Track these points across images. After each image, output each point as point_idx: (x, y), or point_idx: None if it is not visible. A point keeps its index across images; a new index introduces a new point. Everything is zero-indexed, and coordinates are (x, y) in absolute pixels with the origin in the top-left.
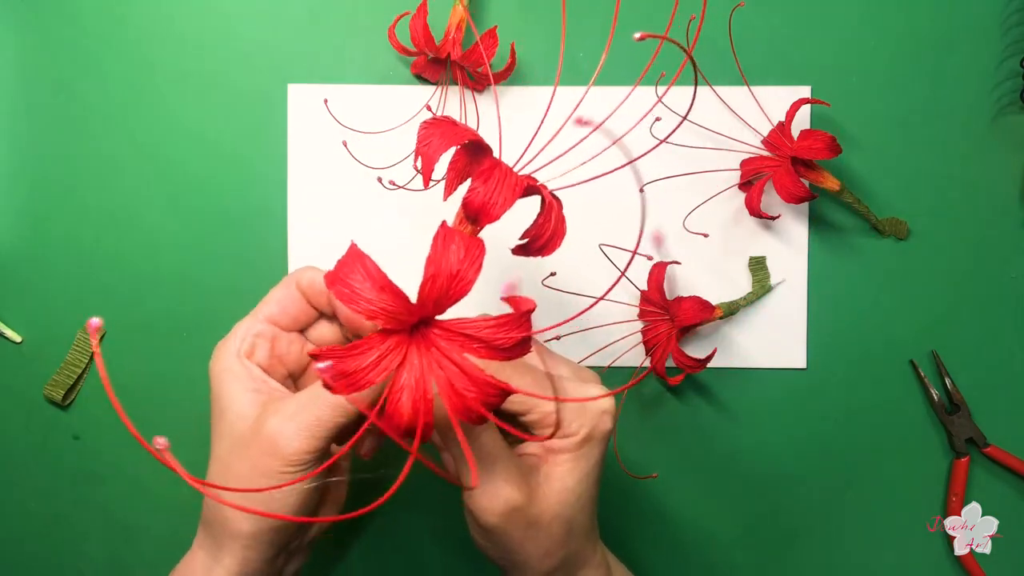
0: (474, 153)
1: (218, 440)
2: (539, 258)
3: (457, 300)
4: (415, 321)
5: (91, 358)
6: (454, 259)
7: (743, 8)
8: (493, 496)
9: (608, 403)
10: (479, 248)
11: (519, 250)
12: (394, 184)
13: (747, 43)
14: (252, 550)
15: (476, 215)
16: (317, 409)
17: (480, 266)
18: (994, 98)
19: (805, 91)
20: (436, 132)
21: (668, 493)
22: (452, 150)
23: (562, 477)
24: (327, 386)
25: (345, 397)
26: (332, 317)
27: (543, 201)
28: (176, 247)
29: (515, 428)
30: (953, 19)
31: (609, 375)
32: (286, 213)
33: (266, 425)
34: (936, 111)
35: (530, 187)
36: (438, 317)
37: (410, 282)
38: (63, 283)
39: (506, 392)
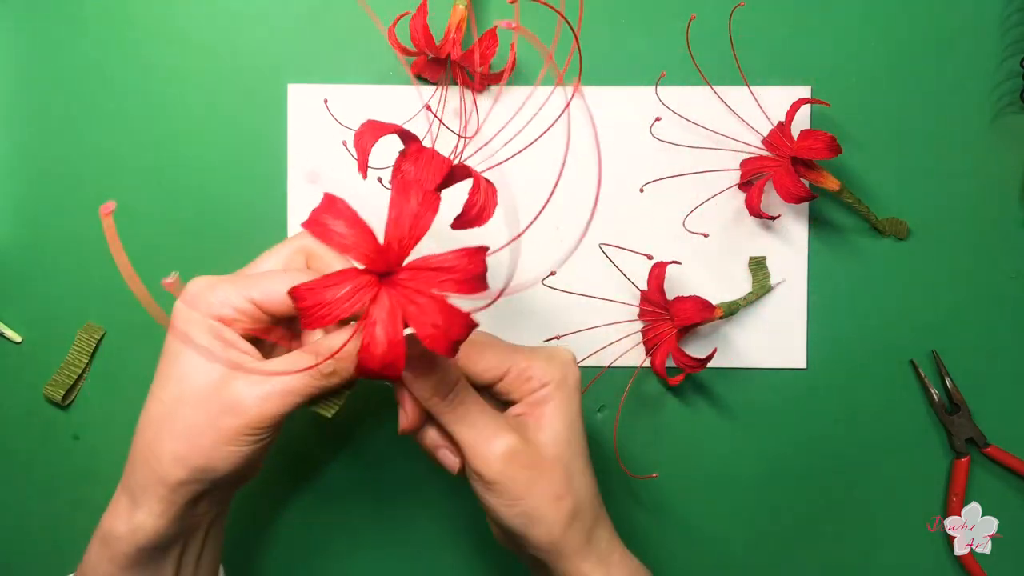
0: (404, 139)
1: (164, 383)
2: (536, 257)
3: (416, 241)
4: (383, 263)
5: (91, 358)
6: (413, 203)
7: (743, 8)
8: (490, 445)
9: (569, 354)
10: (435, 197)
11: (456, 223)
12: None
13: (747, 43)
14: (177, 495)
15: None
16: (291, 379)
17: (436, 211)
18: (994, 98)
19: (805, 91)
20: (366, 129)
21: (668, 493)
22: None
23: (550, 423)
24: (301, 317)
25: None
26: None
27: (473, 181)
28: (176, 247)
29: (491, 400)
30: (953, 19)
31: (609, 375)
32: (286, 213)
33: (231, 386)
34: (936, 111)
35: (458, 168)
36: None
37: None
38: (63, 283)
39: (472, 323)
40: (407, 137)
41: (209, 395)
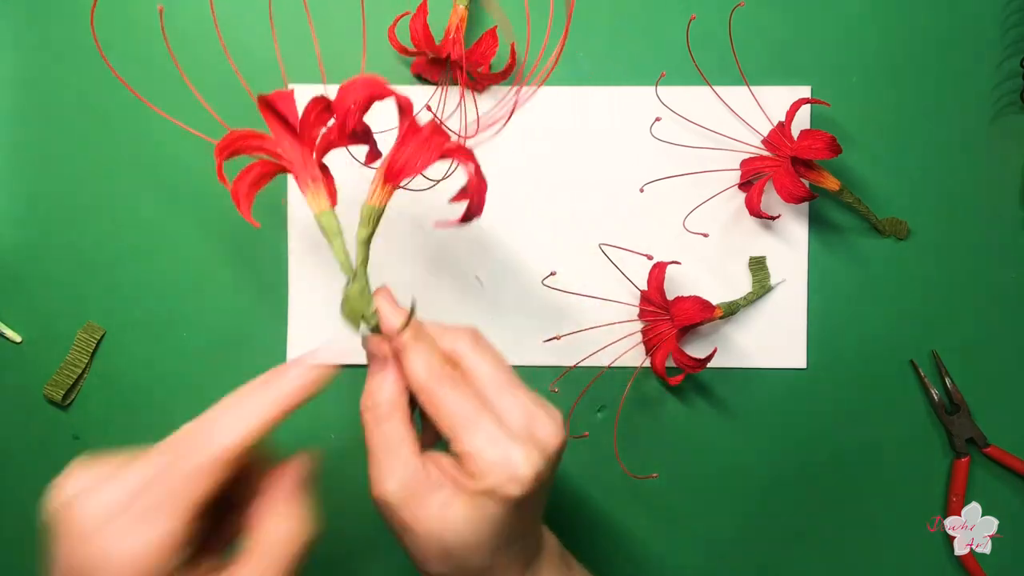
0: (401, 112)
1: None
2: (535, 256)
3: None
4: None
5: (91, 358)
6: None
7: (743, 8)
8: (372, 480)
9: (522, 471)
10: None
11: (460, 219)
12: None
13: (747, 43)
14: None
15: (397, 175)
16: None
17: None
18: (994, 98)
19: (805, 91)
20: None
21: (668, 493)
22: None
23: (451, 508)
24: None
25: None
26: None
27: (471, 167)
28: (175, 247)
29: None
30: (953, 19)
31: (609, 375)
32: (286, 213)
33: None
34: (936, 111)
35: (451, 150)
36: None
37: (408, 282)
38: (63, 283)
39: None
40: (402, 112)
41: None
